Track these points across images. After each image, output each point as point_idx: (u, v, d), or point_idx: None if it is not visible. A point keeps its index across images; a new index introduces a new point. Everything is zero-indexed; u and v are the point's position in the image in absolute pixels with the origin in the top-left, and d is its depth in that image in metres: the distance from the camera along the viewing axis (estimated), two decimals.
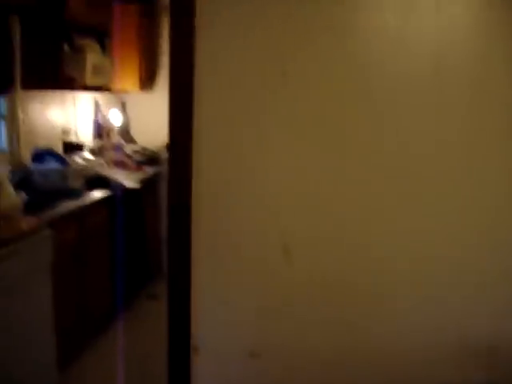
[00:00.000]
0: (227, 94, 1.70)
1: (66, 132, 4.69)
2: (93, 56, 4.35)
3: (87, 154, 4.69)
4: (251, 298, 1.79)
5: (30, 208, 3.17)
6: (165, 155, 5.13)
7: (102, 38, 4.80)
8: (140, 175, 4.83)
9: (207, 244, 1.76)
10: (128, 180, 4.48)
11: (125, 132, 5.95)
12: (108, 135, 5.54)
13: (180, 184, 1.67)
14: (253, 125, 1.71)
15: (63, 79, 4.05)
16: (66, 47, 4.13)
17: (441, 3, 1.60)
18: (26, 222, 2.98)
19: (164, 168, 5.13)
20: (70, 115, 4.78)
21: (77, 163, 4.18)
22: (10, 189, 3.01)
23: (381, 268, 1.76)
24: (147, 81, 5.61)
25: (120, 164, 5.09)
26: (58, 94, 4.50)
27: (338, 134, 1.70)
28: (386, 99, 1.67)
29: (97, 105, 5.33)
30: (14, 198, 3.06)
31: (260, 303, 1.80)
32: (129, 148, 5.68)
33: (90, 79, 4.28)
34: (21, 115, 3.99)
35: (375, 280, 1.77)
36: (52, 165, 3.97)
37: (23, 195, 3.17)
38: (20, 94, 3.93)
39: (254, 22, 1.66)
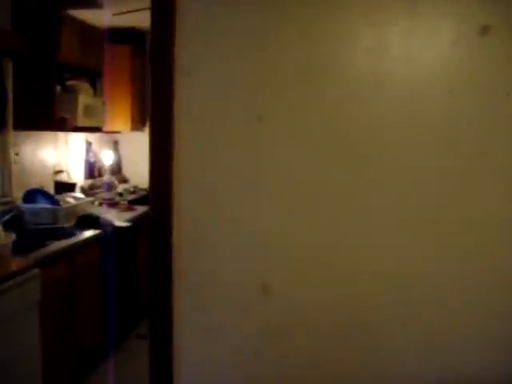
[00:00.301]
0: (205, 139, 1.74)
1: (57, 171, 4.72)
2: (84, 97, 4.41)
3: (78, 194, 4.72)
4: (231, 337, 1.80)
5: (19, 247, 3.19)
6: None
7: (94, 79, 4.89)
8: (131, 214, 4.85)
9: (187, 283, 1.77)
10: (118, 219, 4.50)
11: (117, 171, 6.00)
12: (100, 174, 5.59)
13: (160, 224, 1.70)
14: (230, 167, 1.74)
15: (55, 120, 4.10)
16: (57, 88, 4.19)
17: (411, 51, 1.66)
18: (15, 262, 2.99)
19: None
20: (62, 155, 4.83)
21: (68, 202, 4.21)
22: None
23: (364, 306, 1.76)
24: (139, 121, 5.67)
25: (111, 203, 5.13)
26: (50, 134, 4.55)
27: (315, 177, 1.73)
28: (361, 142, 1.71)
29: (89, 144, 5.39)
30: (3, 237, 3.08)
31: (240, 342, 1.80)
32: (121, 187, 5.72)
33: (81, 120, 4.33)
34: (13, 155, 4.03)
35: (358, 319, 1.77)
36: (43, 204, 4.01)
37: (12, 235, 3.19)
38: (12, 134, 3.99)
39: (231, 68, 1.71)
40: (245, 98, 1.72)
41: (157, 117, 1.66)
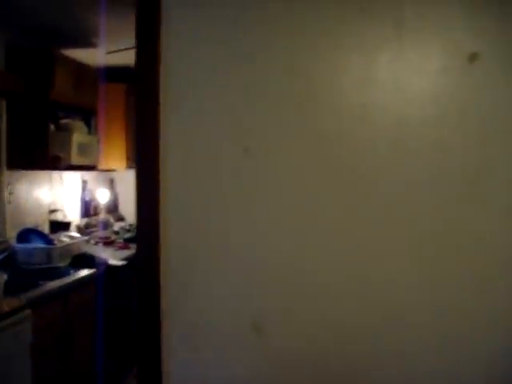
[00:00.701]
0: (191, 171, 1.72)
1: (52, 210, 4.69)
2: (78, 135, 4.40)
3: (74, 232, 4.68)
4: (224, 376, 1.75)
5: (12, 288, 3.14)
6: None
7: (89, 117, 4.89)
8: (127, 252, 4.80)
9: (177, 322, 1.73)
10: (114, 257, 4.45)
11: (113, 209, 5.97)
12: (96, 213, 5.56)
13: (148, 264, 1.66)
14: (217, 202, 1.71)
15: (49, 159, 4.09)
16: (51, 127, 4.19)
17: (400, 80, 1.64)
18: (7, 303, 2.94)
19: None
20: (57, 194, 4.80)
21: (62, 242, 4.17)
22: None
23: (357, 347, 1.71)
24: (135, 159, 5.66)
25: (107, 241, 5.08)
26: (44, 173, 4.54)
27: (304, 210, 1.70)
28: (351, 172, 1.68)
29: (84, 183, 5.37)
30: None
31: (233, 381, 1.75)
32: (117, 225, 5.68)
33: (75, 158, 4.32)
34: (7, 194, 4.01)
35: (349, 360, 1.72)
36: (37, 244, 3.97)
37: (4, 275, 3.14)
38: (6, 173, 3.97)
39: (217, 99, 1.70)
40: (231, 130, 1.70)
41: (142, 154, 1.64)
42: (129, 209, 5.97)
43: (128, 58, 4.69)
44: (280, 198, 1.70)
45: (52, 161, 4.12)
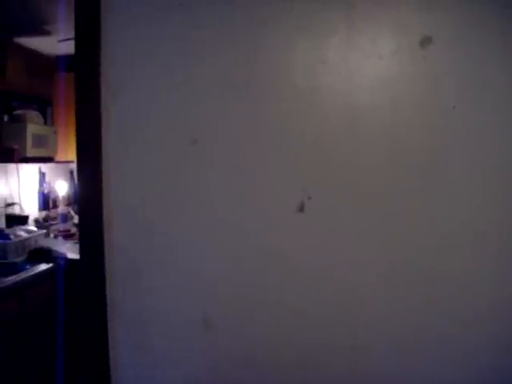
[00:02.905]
0: (136, 163, 1.64)
1: (9, 204, 4.55)
2: (34, 126, 4.26)
3: (31, 226, 4.54)
4: (173, 374, 1.69)
5: None
6: None
7: (45, 107, 4.73)
8: None
9: (125, 321, 1.67)
10: (73, 251, 4.33)
11: (73, 201, 5.82)
12: (55, 206, 5.41)
13: (91, 260, 1.58)
14: (163, 197, 1.65)
15: (2, 150, 3.95)
16: (5, 117, 4.05)
17: (350, 64, 1.59)
18: None
19: None
20: (13, 187, 4.65)
21: (18, 236, 4.03)
22: None
23: (308, 342, 1.67)
24: None
25: (67, 235, 4.95)
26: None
27: (252, 203, 1.65)
28: (301, 160, 1.63)
29: (42, 175, 5.22)
30: None
31: (183, 379, 1.69)
32: (77, 218, 5.54)
33: (31, 150, 4.18)
34: None
35: (300, 355, 1.68)
36: None
37: None
38: None
39: (164, 88, 1.62)
40: (178, 121, 1.63)
41: (83, 145, 1.55)
42: None
43: None
44: (229, 191, 1.64)
45: (6, 153, 3.99)
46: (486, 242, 1.63)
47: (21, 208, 4.76)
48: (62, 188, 5.51)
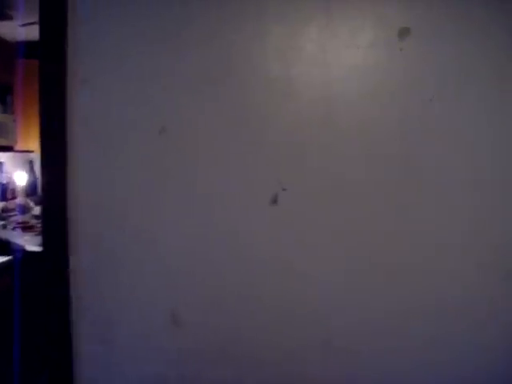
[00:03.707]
0: (102, 150, 1.58)
1: None
2: None
3: None
4: (139, 369, 1.64)
5: None
6: None
7: (4, 95, 4.58)
8: None
9: (88, 317, 1.61)
10: (33, 243, 4.21)
11: (33, 192, 5.67)
12: (13, 196, 5.26)
13: (54, 251, 1.51)
14: (130, 187, 1.60)
15: None
16: None
17: (327, 53, 1.55)
18: None
19: None
20: None
21: None
22: None
23: (281, 336, 1.64)
24: None
25: (26, 226, 4.81)
26: None
27: (223, 193, 1.61)
28: (272, 151, 1.59)
29: (0, 165, 5.06)
30: None
31: (149, 373, 1.64)
32: (37, 209, 5.40)
33: None
34: None
35: (273, 351, 1.64)
36: None
37: None
38: None
39: (132, 77, 1.56)
40: (147, 108, 1.57)
41: (47, 130, 1.47)
42: None
43: None
44: (200, 182, 1.60)
45: None
46: (460, 233, 1.63)
47: None
48: (21, 178, 5.36)
